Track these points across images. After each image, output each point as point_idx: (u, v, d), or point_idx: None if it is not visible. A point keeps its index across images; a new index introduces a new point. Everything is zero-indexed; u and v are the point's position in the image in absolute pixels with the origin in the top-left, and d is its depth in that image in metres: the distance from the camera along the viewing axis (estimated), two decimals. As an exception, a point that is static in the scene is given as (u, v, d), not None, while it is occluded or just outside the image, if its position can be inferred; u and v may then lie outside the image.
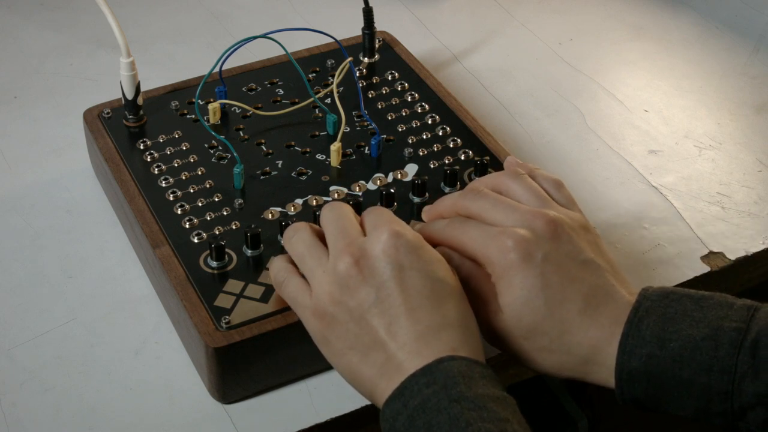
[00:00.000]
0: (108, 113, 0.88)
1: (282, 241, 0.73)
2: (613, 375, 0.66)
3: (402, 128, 0.88)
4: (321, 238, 0.70)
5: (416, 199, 0.81)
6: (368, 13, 0.93)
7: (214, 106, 0.87)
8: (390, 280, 0.65)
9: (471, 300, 0.68)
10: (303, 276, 0.70)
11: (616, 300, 0.67)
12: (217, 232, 0.78)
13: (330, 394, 0.74)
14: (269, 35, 0.84)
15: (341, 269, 0.66)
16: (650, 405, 0.66)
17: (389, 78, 0.93)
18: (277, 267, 0.71)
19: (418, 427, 0.61)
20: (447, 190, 0.82)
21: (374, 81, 0.93)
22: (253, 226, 0.77)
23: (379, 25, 0.95)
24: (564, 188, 0.73)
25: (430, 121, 0.88)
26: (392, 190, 0.80)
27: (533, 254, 0.67)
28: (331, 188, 0.82)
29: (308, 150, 0.86)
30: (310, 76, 0.93)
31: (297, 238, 0.70)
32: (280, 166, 0.84)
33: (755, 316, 0.64)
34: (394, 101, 0.90)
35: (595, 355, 0.66)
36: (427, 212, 0.75)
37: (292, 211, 0.80)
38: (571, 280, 0.67)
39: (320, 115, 0.89)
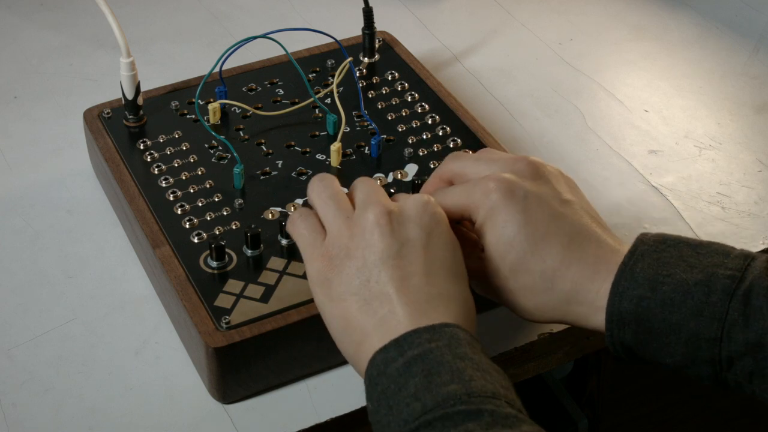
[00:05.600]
0: (108, 113, 0.88)
1: (307, 190, 0.72)
2: (594, 314, 0.66)
3: (402, 128, 0.88)
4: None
5: (416, 199, 0.81)
6: (368, 13, 0.93)
7: (214, 106, 0.87)
8: (416, 240, 0.66)
9: None
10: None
11: (599, 240, 0.67)
12: (217, 232, 0.78)
13: (330, 394, 0.74)
14: (269, 35, 0.84)
15: (370, 217, 0.66)
16: (639, 351, 0.66)
17: (389, 78, 0.93)
18: (295, 211, 0.71)
19: (414, 372, 0.60)
20: (447, 190, 0.82)
21: (374, 81, 0.93)
22: (253, 226, 0.77)
23: (379, 25, 0.95)
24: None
25: (430, 121, 0.88)
26: (392, 190, 0.80)
27: (515, 192, 0.68)
28: (331, 188, 0.82)
29: (308, 150, 0.86)
30: (310, 76, 0.93)
31: (324, 185, 0.71)
32: (280, 166, 0.84)
33: (751, 265, 0.63)
34: (394, 101, 0.90)
35: (577, 293, 0.66)
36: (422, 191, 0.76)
37: (292, 211, 0.80)
38: (554, 217, 0.68)
39: (320, 115, 0.89)
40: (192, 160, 0.84)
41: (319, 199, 0.70)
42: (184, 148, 0.85)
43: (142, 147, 0.85)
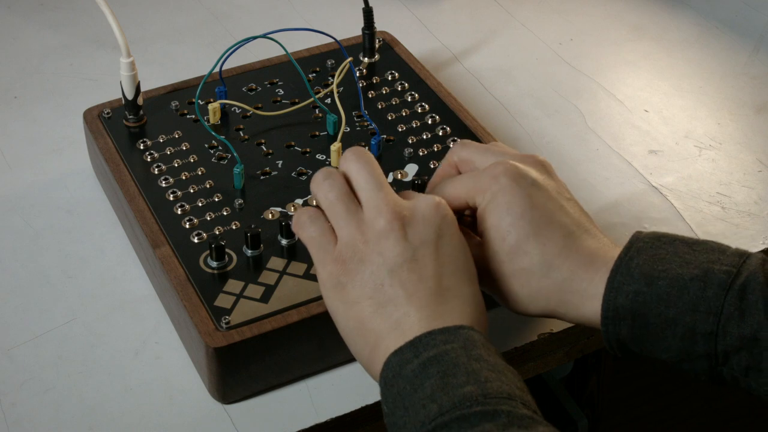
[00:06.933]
0: (108, 113, 0.88)
1: (311, 186, 0.71)
2: (586, 303, 0.66)
3: (402, 128, 0.88)
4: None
5: (416, 199, 0.81)
6: (368, 13, 0.93)
7: (214, 106, 0.87)
8: (430, 244, 0.66)
9: None
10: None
11: (597, 237, 0.69)
12: (217, 232, 0.78)
13: (330, 394, 0.74)
14: (269, 35, 0.84)
15: (383, 222, 0.66)
16: (635, 347, 0.66)
17: (389, 78, 0.93)
18: (302, 210, 0.70)
19: (430, 374, 0.60)
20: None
21: (374, 81, 0.93)
22: (253, 226, 0.77)
23: (379, 25, 0.95)
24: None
25: (430, 121, 0.88)
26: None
27: (524, 177, 0.69)
28: (331, 188, 0.82)
29: (308, 150, 0.86)
30: (310, 76, 0.93)
31: (330, 183, 0.69)
32: (280, 166, 0.84)
33: (746, 261, 0.64)
34: (394, 101, 0.90)
35: (571, 282, 0.67)
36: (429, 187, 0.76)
37: (292, 211, 0.80)
38: (558, 208, 0.69)
39: (320, 115, 0.89)
40: (192, 160, 0.84)
41: (326, 200, 0.69)
42: (184, 148, 0.85)
43: (142, 147, 0.85)
